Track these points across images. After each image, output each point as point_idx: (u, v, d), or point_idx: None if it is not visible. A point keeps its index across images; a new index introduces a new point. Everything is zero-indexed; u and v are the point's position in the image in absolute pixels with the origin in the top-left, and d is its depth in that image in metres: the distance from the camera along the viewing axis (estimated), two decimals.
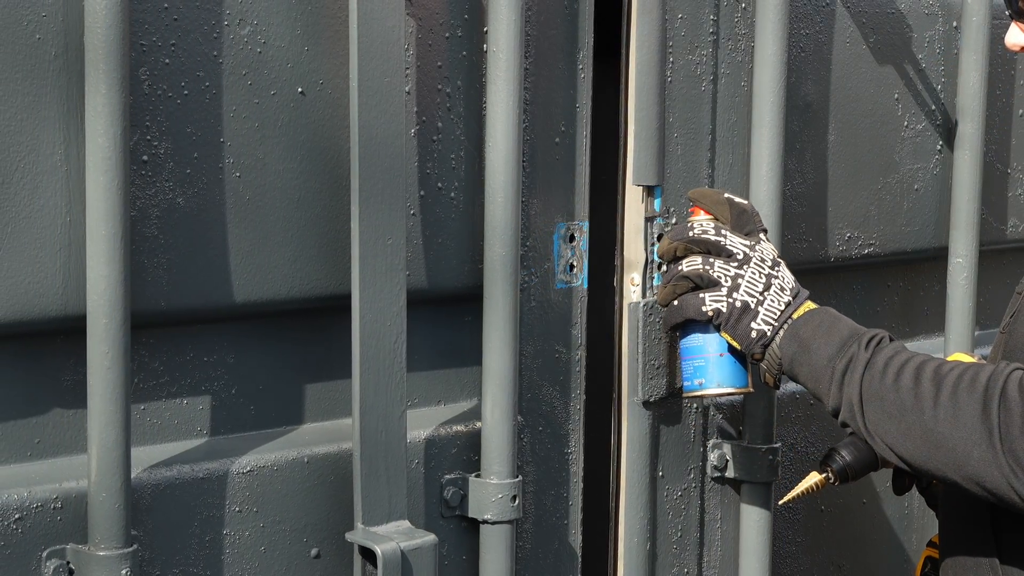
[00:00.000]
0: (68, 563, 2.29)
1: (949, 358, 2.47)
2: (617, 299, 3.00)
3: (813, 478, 2.67)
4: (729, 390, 2.70)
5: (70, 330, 2.32)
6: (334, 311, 2.58)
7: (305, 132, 2.51)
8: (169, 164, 2.38)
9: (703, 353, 2.67)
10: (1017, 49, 2.09)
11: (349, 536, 2.53)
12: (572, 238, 2.85)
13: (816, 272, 3.33)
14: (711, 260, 2.58)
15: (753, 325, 2.52)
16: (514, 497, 2.71)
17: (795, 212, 3.24)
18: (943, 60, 3.50)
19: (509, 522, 2.72)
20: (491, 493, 2.70)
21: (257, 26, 2.44)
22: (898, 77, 3.42)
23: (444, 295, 2.72)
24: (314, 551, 2.57)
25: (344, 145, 2.53)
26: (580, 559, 2.93)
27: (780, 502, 2.83)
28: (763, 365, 2.57)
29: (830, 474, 2.65)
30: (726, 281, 2.56)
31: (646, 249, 2.97)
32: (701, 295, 2.58)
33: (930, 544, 2.82)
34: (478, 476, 2.72)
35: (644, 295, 2.97)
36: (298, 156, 2.50)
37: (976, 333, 3.51)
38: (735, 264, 2.58)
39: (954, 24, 3.50)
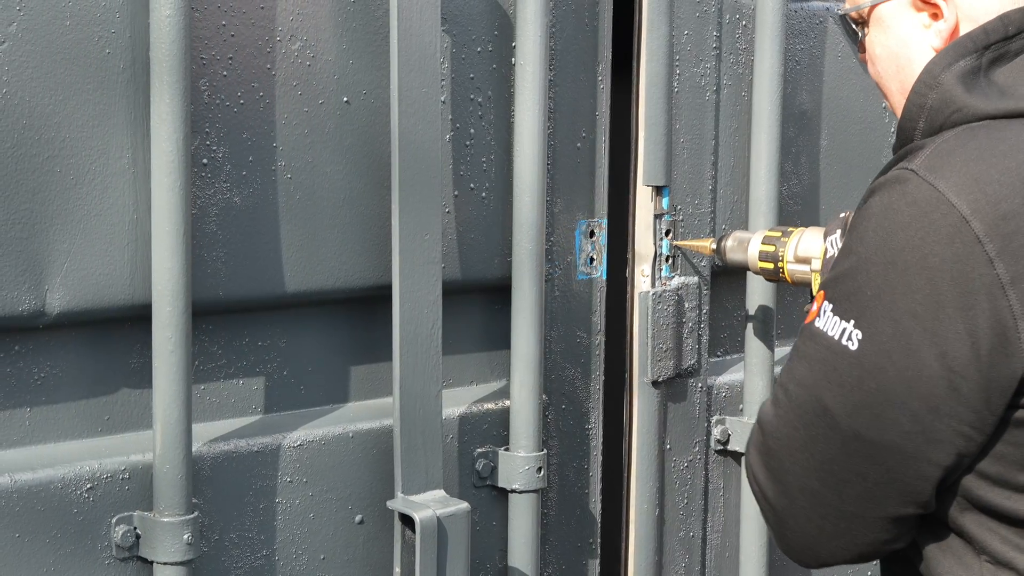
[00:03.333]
0: (135, 528, 2.27)
1: None
2: (629, 289, 2.97)
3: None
4: None
5: (137, 317, 2.29)
6: (376, 300, 2.55)
7: (350, 138, 2.48)
8: (227, 167, 2.35)
9: None
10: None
11: (390, 504, 2.50)
12: (592, 234, 2.83)
13: None
14: None
15: None
16: (540, 469, 2.69)
17: (791, 210, 3.20)
18: None
19: (535, 491, 2.70)
20: (519, 465, 2.69)
21: (307, 41, 2.42)
22: None
23: (476, 285, 2.70)
24: (358, 518, 2.54)
25: (385, 149, 2.50)
26: (600, 525, 2.91)
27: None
28: None
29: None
30: None
31: (655, 243, 2.94)
32: None
33: None
34: (507, 450, 2.70)
35: (653, 285, 2.94)
36: (344, 159, 2.48)
37: None
38: None
39: None
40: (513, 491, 2.69)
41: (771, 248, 2.70)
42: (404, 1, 2.42)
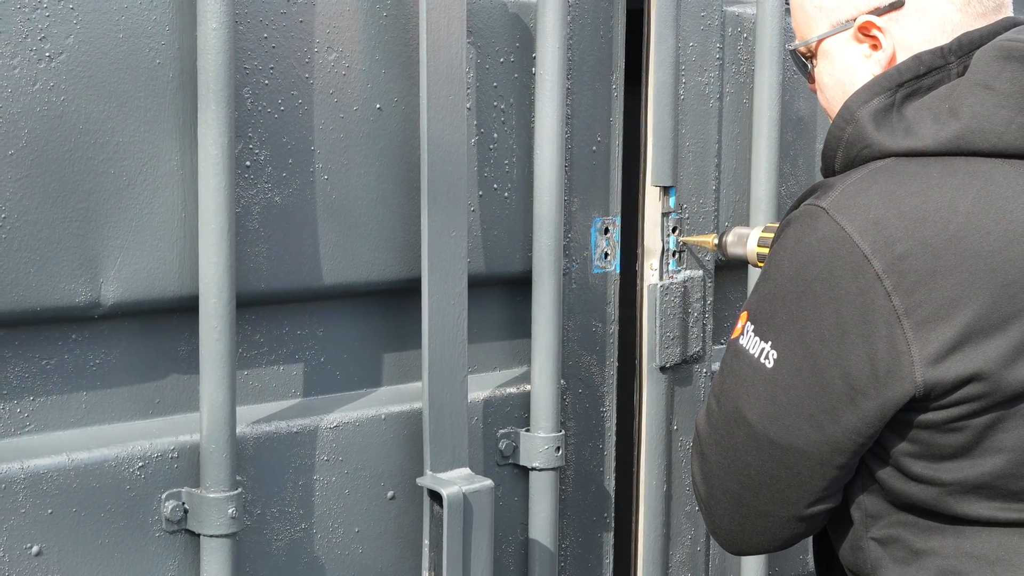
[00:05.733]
0: (183, 503, 2.25)
1: None
2: (639, 281, 2.95)
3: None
4: None
5: (185, 308, 2.27)
6: (406, 292, 2.53)
7: (382, 142, 2.46)
8: (268, 169, 2.33)
9: None
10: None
11: (419, 481, 2.48)
12: (607, 231, 2.82)
13: None
14: None
15: None
16: (558, 448, 2.68)
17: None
18: None
19: (554, 469, 2.69)
20: (539, 445, 2.67)
21: (342, 52, 2.39)
22: None
23: (499, 279, 2.68)
24: (390, 494, 2.52)
25: (415, 153, 2.48)
26: (614, 501, 2.90)
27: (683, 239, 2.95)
28: None
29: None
30: None
31: (662, 239, 2.92)
32: None
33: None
34: (528, 431, 2.69)
35: (661, 278, 2.92)
36: (377, 162, 2.45)
37: None
38: None
39: None
40: (533, 469, 2.67)
41: (768, 244, 2.69)
42: (432, 16, 2.41)
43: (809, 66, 2.02)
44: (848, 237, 1.74)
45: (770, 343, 1.80)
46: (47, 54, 2.07)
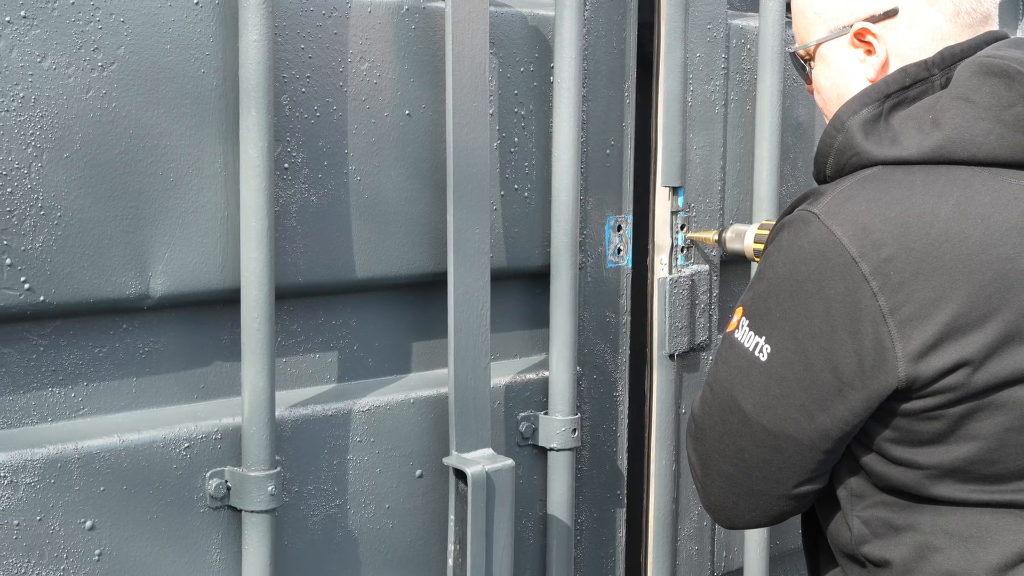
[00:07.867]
0: (226, 481, 2.25)
1: None
2: (649, 275, 2.94)
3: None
4: None
5: (227, 300, 2.26)
6: (433, 285, 2.52)
7: (411, 145, 2.45)
8: (305, 170, 2.32)
9: None
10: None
11: (446, 460, 2.47)
12: (619, 228, 2.80)
13: None
14: None
15: None
16: (574, 430, 2.66)
17: None
18: None
19: (571, 450, 2.67)
20: (556, 427, 2.65)
21: (374, 62, 2.38)
22: None
23: (519, 272, 2.66)
24: (418, 472, 2.50)
25: (441, 156, 2.47)
26: (626, 479, 2.88)
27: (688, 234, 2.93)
28: None
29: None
30: None
31: (671, 236, 2.90)
32: None
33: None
34: (546, 414, 2.67)
35: (670, 272, 2.91)
36: (406, 164, 2.44)
37: None
38: None
39: None
40: (552, 449, 2.66)
41: (763, 240, 2.69)
42: (458, 28, 2.39)
43: (807, 68, 2.01)
44: (838, 241, 1.73)
45: (764, 338, 1.80)
46: (100, 64, 2.06)
